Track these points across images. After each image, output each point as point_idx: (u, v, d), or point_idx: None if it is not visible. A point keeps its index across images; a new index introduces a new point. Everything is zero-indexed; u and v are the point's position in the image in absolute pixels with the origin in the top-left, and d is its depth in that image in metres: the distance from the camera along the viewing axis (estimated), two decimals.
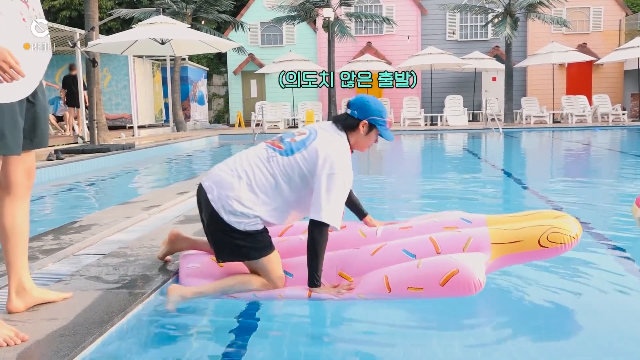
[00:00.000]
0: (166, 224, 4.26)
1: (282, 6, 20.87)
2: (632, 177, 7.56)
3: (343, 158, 2.71)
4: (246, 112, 24.32)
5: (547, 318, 2.61)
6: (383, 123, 2.85)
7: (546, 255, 2.75)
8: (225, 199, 2.67)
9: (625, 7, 24.66)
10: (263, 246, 2.73)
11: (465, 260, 2.56)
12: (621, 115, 20.20)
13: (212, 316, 2.69)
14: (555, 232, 2.67)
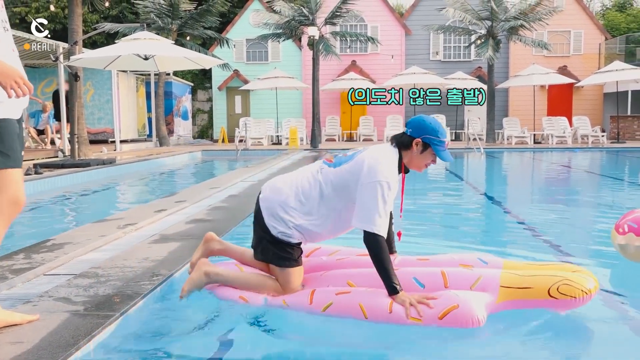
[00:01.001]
0: (141, 242, 4.22)
1: (268, 24, 20.99)
2: (611, 201, 7.65)
3: (386, 167, 2.74)
4: (230, 128, 24.30)
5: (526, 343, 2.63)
6: (439, 143, 2.82)
7: (555, 307, 2.67)
8: (271, 202, 2.88)
9: (604, 31, 25.17)
10: (289, 258, 2.87)
11: (467, 297, 2.57)
12: (600, 137, 20.51)
13: (179, 347, 2.65)
14: (566, 285, 2.62)
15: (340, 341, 2.63)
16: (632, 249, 3.63)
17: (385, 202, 2.69)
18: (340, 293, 2.75)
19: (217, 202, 6.28)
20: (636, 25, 29.32)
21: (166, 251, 3.92)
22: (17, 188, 2.30)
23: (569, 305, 2.65)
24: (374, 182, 2.69)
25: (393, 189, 2.74)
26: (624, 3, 34.53)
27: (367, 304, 2.65)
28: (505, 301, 2.66)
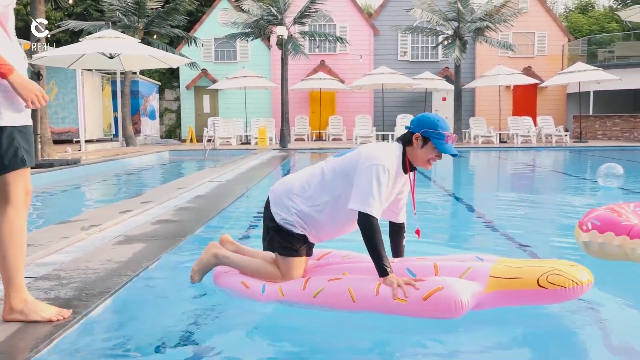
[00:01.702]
0: (105, 244, 4.16)
1: (236, 23, 20.87)
2: (573, 199, 7.83)
3: (384, 154, 2.81)
4: (198, 128, 24.10)
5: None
6: (438, 136, 2.84)
7: (546, 298, 2.64)
8: (278, 192, 3.05)
9: (567, 33, 25.75)
10: (291, 248, 2.97)
11: (452, 281, 2.60)
12: (564, 136, 20.97)
13: (141, 350, 2.62)
14: (556, 274, 2.59)
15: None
16: (595, 246, 3.70)
17: (380, 184, 2.74)
18: (332, 279, 2.83)
19: (183, 203, 6.23)
20: (598, 27, 30.08)
21: (130, 252, 3.87)
22: (27, 182, 2.57)
23: (559, 297, 2.62)
24: (370, 165, 2.76)
25: (390, 174, 2.79)
26: (586, 5, 35.38)
27: (355, 288, 2.71)
28: (494, 291, 2.64)
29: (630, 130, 22.07)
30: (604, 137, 22.79)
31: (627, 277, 3.63)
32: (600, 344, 2.61)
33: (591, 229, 3.73)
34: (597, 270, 2.85)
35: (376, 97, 24.30)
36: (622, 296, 3.16)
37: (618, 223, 3.64)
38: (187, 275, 3.30)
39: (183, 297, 3.12)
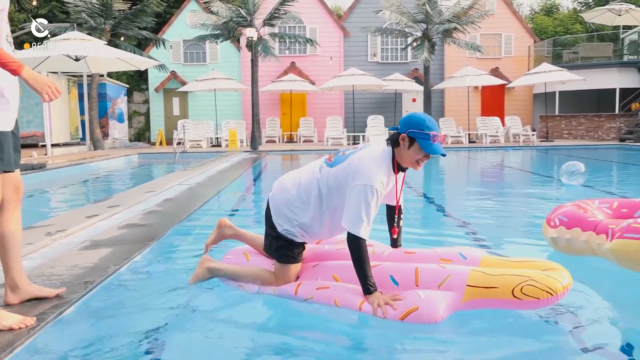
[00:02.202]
0: (70, 249, 4.08)
1: (205, 24, 20.71)
2: (541, 196, 7.96)
3: (372, 170, 2.79)
4: (168, 131, 23.84)
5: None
6: (424, 136, 2.80)
7: (521, 307, 2.68)
8: (278, 200, 3.08)
9: (533, 34, 26.23)
10: (289, 255, 3.07)
11: (428, 299, 2.66)
12: (531, 135, 21.34)
13: (105, 357, 2.57)
14: (530, 286, 2.61)
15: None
16: (563, 241, 3.78)
17: (368, 205, 2.76)
18: (320, 288, 2.93)
19: (152, 206, 6.15)
20: (562, 28, 30.71)
21: (97, 257, 3.80)
22: (16, 182, 2.74)
23: (533, 306, 2.66)
24: (359, 186, 2.77)
25: (380, 193, 2.79)
26: (551, 7, 36.10)
27: (340, 301, 2.82)
28: (471, 300, 2.68)
29: (594, 130, 22.57)
30: (569, 136, 23.26)
31: (594, 272, 3.70)
32: (567, 339, 2.66)
33: (559, 225, 3.81)
34: (565, 267, 2.89)
35: (347, 98, 24.38)
36: (589, 291, 3.22)
37: (584, 219, 3.73)
38: (155, 280, 3.25)
39: (151, 303, 3.07)
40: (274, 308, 3.01)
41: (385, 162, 2.87)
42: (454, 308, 2.70)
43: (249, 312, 2.97)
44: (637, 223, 3.36)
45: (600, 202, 4.15)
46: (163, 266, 3.80)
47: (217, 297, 3.17)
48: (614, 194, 7.66)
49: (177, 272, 3.63)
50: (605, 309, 3.04)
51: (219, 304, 3.10)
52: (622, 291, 3.39)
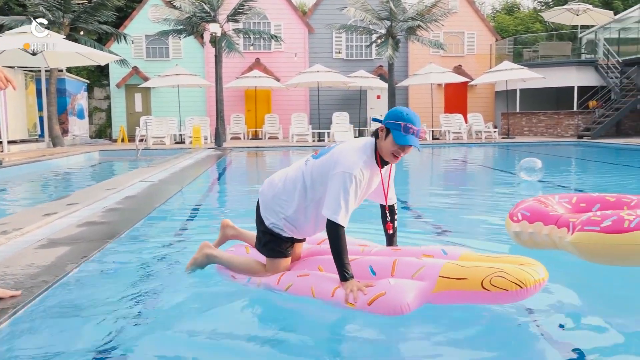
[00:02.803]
0: (26, 248, 3.95)
1: (168, 19, 20.40)
2: (503, 192, 8.10)
3: (352, 159, 2.83)
4: (130, 127, 23.41)
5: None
6: (397, 127, 2.81)
7: (491, 300, 2.66)
8: (266, 195, 3.14)
9: (495, 33, 26.67)
10: (277, 250, 3.12)
11: (396, 285, 2.68)
12: (493, 132, 21.71)
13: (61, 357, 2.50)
14: (499, 277, 2.59)
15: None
16: (526, 235, 3.86)
17: (347, 193, 2.79)
18: (301, 275, 3.02)
19: (112, 204, 6.02)
20: (523, 27, 31.32)
21: (53, 256, 3.70)
22: None
23: (503, 299, 2.63)
24: (339, 174, 2.81)
25: (358, 181, 2.81)
26: (511, 7, 36.77)
27: (316, 287, 2.89)
28: (442, 291, 2.68)
29: (554, 127, 23.10)
30: (530, 133, 23.75)
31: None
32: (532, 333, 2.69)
33: (521, 219, 3.89)
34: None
35: (312, 95, 24.36)
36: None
37: (546, 213, 3.81)
38: (113, 279, 3.18)
39: (110, 301, 3.00)
40: (237, 305, 2.98)
41: (367, 153, 2.89)
42: (425, 299, 2.70)
43: (211, 310, 2.93)
44: (596, 216, 3.45)
45: (560, 197, 4.25)
46: (122, 264, 3.72)
47: (178, 295, 3.12)
48: (572, 189, 7.85)
49: (137, 270, 3.56)
50: (567, 300, 3.10)
51: (180, 301, 3.04)
52: (584, 282, 3.46)
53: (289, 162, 14.75)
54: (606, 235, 3.30)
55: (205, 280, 3.33)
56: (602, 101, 22.17)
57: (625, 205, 3.91)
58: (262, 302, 3.03)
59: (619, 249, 3.28)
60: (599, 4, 28.52)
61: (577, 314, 2.93)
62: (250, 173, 12.30)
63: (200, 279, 3.36)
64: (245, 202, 7.38)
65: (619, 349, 2.47)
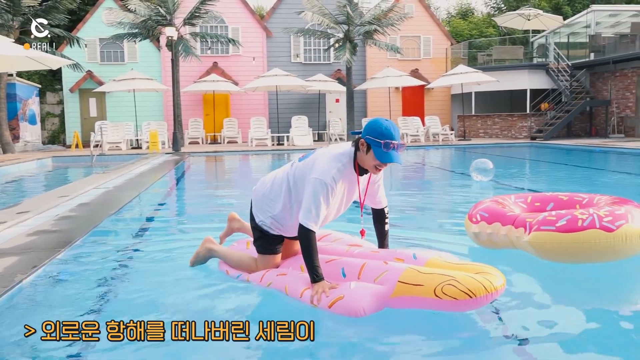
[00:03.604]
0: None
1: (122, 23, 20.04)
2: (460, 193, 8.24)
3: (327, 166, 2.90)
4: (84, 133, 22.88)
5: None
6: (377, 144, 2.84)
7: (443, 307, 2.67)
8: (257, 194, 3.33)
9: (450, 37, 27.16)
10: (266, 247, 3.29)
11: (355, 289, 2.76)
12: (449, 135, 22.09)
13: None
14: (450, 285, 2.61)
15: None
16: (484, 236, 3.95)
17: (317, 199, 2.87)
18: (280, 274, 3.18)
19: (65, 212, 5.87)
20: (477, 32, 32.01)
21: (2, 267, 3.59)
22: None
23: (453, 308, 2.64)
24: (312, 179, 2.90)
25: (330, 188, 2.87)
26: (466, 11, 37.55)
27: (290, 286, 3.04)
28: (400, 296, 2.72)
29: (508, 129, 23.66)
30: (485, 135, 24.26)
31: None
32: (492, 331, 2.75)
33: (480, 220, 3.98)
34: (490, 262, 2.99)
35: (270, 98, 24.31)
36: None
37: (504, 214, 3.91)
38: (65, 288, 3.11)
39: (61, 312, 2.92)
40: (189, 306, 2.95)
41: (343, 161, 2.94)
42: (383, 303, 2.75)
43: (171, 317, 2.89)
44: (551, 216, 3.56)
45: (515, 197, 4.37)
46: (75, 274, 3.63)
47: (134, 304, 3.06)
48: (526, 189, 8.05)
49: (90, 280, 3.48)
50: (526, 298, 3.17)
51: (137, 312, 2.99)
52: (541, 281, 3.55)
53: (247, 167, 14.70)
54: (561, 234, 3.42)
55: (161, 290, 3.28)
56: (553, 104, 22.82)
57: (578, 204, 4.04)
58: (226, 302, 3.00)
59: (574, 247, 3.40)
60: (549, 9, 29.41)
61: (535, 313, 3.00)
62: (209, 178, 12.18)
63: (154, 287, 3.31)
64: (203, 207, 7.31)
65: (573, 341, 2.55)
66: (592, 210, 3.51)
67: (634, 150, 14.85)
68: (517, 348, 2.51)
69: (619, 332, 2.70)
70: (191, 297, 3.15)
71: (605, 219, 3.41)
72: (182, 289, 3.29)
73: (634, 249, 3.48)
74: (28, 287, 3.28)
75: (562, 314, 2.93)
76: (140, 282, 3.45)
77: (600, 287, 3.42)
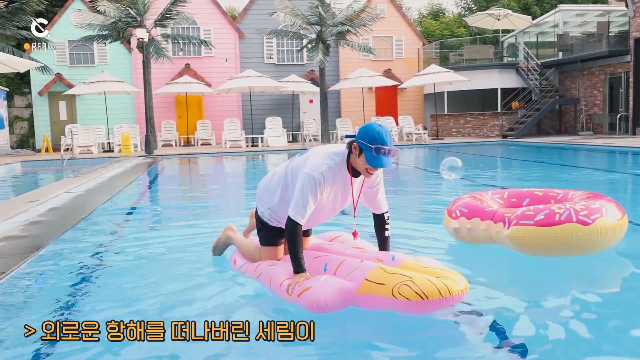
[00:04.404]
0: None
1: (92, 25, 19.74)
2: (436, 191, 8.31)
3: (317, 162, 2.99)
4: (55, 136, 22.49)
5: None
6: (368, 148, 2.88)
7: (400, 308, 2.66)
8: (260, 187, 3.47)
9: (422, 37, 27.39)
10: (267, 238, 3.42)
11: (322, 283, 2.83)
12: (423, 134, 22.27)
13: None
14: (406, 286, 2.61)
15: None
16: (464, 231, 4.02)
17: (305, 193, 2.95)
18: (270, 265, 3.30)
19: (35, 217, 5.76)
20: (448, 32, 32.33)
21: None
22: None
23: (408, 309, 2.63)
24: (302, 174, 2.99)
25: (317, 183, 2.94)
26: (437, 12, 37.89)
27: (273, 277, 3.14)
28: (365, 294, 2.75)
29: (480, 127, 23.95)
30: (458, 134, 24.52)
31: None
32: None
33: (460, 216, 4.05)
34: (470, 256, 3.02)
35: (244, 100, 24.20)
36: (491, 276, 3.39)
37: (483, 209, 3.98)
38: (37, 294, 3.05)
39: (31, 319, 2.87)
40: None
41: (335, 159, 3.01)
42: (349, 299, 2.78)
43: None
44: (529, 210, 3.65)
45: (492, 193, 4.47)
46: (45, 280, 3.57)
47: (105, 309, 3.02)
48: (499, 186, 8.16)
49: (60, 285, 3.43)
50: (504, 292, 3.22)
51: (108, 316, 2.95)
52: (520, 273, 3.61)
53: (221, 168, 14.61)
54: (540, 228, 3.51)
55: (136, 293, 3.25)
56: (524, 102, 23.18)
57: (553, 199, 4.15)
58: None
59: (552, 240, 3.49)
60: (518, 9, 29.84)
61: (512, 306, 3.04)
62: (182, 180, 12.07)
63: (126, 292, 3.27)
64: (177, 209, 7.25)
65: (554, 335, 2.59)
66: (569, 205, 3.63)
67: (602, 147, 15.17)
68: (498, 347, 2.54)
69: (593, 320, 2.76)
70: (162, 301, 3.12)
71: (581, 213, 3.52)
72: (155, 293, 3.26)
73: (608, 242, 3.61)
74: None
75: (537, 306, 2.98)
76: (111, 287, 3.41)
77: (572, 278, 3.50)
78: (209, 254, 4.02)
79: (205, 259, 4.00)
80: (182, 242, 4.62)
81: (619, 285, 3.55)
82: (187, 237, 4.82)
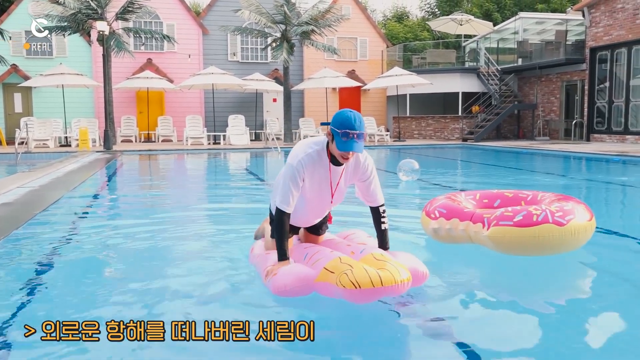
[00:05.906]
0: None
1: (50, 15, 19.22)
2: (403, 192, 8.37)
3: (297, 151, 3.08)
4: (9, 129, 21.81)
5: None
6: (337, 134, 2.93)
7: (344, 296, 2.73)
8: (273, 187, 3.46)
9: (386, 39, 27.64)
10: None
11: (290, 268, 2.98)
12: (385, 135, 22.46)
13: None
14: (344, 274, 2.71)
15: None
16: (443, 231, 4.08)
17: (286, 181, 3.05)
18: (267, 253, 3.41)
19: None
20: (412, 35, 32.72)
21: None
22: None
23: (348, 297, 2.70)
24: (286, 164, 3.09)
25: (296, 171, 3.03)
26: (401, 15, 38.30)
27: (261, 265, 3.28)
28: (322, 282, 2.85)
29: (441, 130, 24.31)
30: (419, 136, 24.82)
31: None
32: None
33: (438, 216, 4.12)
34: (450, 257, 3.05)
35: (207, 97, 23.96)
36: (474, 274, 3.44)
37: (461, 210, 4.07)
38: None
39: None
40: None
41: (315, 148, 3.09)
42: (309, 286, 2.89)
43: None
44: (508, 212, 3.74)
45: (466, 194, 4.56)
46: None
47: (65, 306, 2.95)
48: (458, 188, 8.29)
49: (12, 282, 3.33)
50: (484, 290, 3.27)
51: (67, 313, 2.88)
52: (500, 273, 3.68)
53: (183, 165, 14.44)
54: (519, 229, 3.61)
55: (90, 292, 3.17)
56: (484, 106, 23.63)
57: (523, 200, 4.29)
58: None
59: (530, 240, 3.59)
60: (480, 15, 30.43)
61: (486, 305, 3.10)
62: (141, 176, 11.87)
63: (80, 289, 3.20)
64: (136, 206, 7.12)
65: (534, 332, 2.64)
66: (544, 207, 3.74)
67: (558, 152, 15.60)
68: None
69: (560, 319, 2.83)
70: (121, 299, 3.06)
71: (556, 214, 3.64)
72: (105, 291, 3.20)
73: (579, 242, 3.76)
74: None
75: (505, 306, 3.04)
76: (66, 284, 3.33)
77: (543, 278, 3.60)
78: (162, 248, 3.98)
79: (157, 250, 3.95)
80: (141, 237, 4.55)
81: (576, 286, 3.66)
82: (146, 233, 4.74)
